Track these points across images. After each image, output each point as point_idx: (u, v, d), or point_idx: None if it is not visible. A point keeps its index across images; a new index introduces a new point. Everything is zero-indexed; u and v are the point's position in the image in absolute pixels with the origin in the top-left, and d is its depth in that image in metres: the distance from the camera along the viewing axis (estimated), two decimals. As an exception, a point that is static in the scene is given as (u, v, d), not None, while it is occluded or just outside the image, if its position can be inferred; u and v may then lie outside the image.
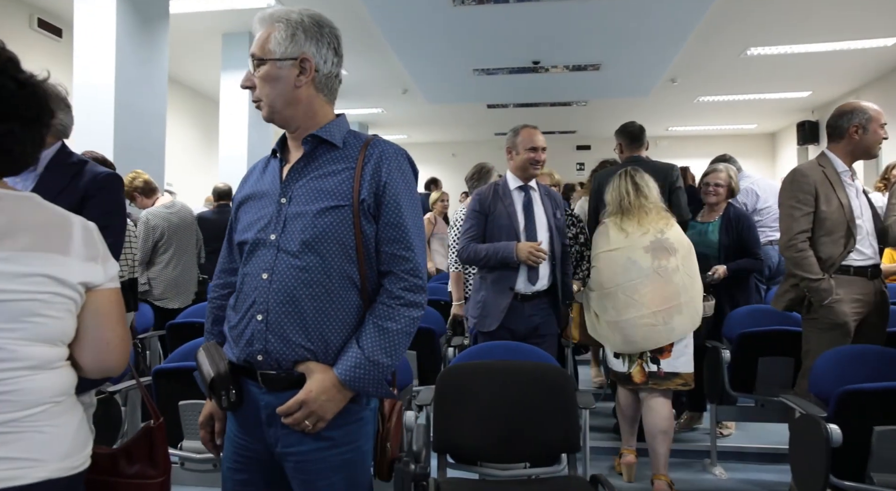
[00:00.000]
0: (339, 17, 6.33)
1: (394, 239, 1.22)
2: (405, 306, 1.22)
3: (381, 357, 1.18)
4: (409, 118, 10.43)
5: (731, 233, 3.30)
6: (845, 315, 2.41)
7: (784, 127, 11.07)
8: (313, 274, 1.18)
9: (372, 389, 1.18)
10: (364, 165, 1.23)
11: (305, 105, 1.26)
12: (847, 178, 2.53)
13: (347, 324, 1.21)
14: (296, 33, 1.22)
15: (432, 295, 4.10)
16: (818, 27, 6.07)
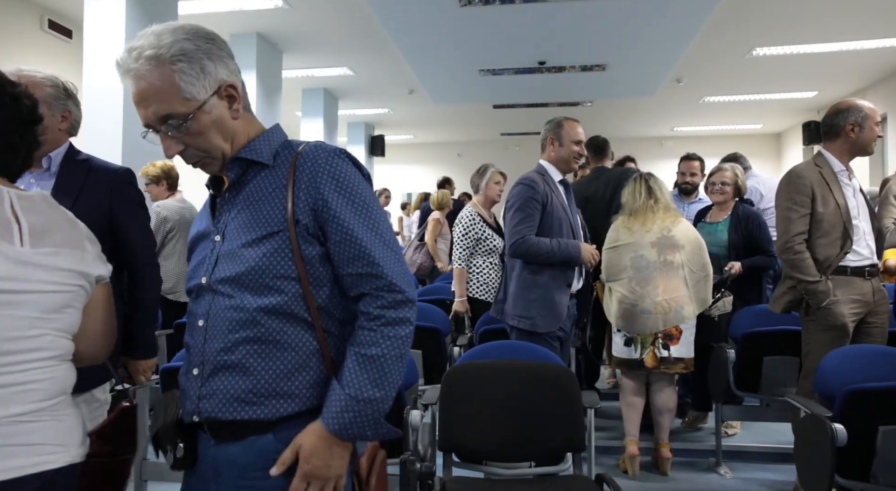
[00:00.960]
0: (346, 18, 6.37)
1: (350, 258, 1.03)
2: (388, 326, 1.02)
3: (370, 391, 0.99)
4: (415, 118, 10.45)
5: (741, 231, 3.31)
6: (843, 316, 2.41)
7: (790, 127, 11.03)
8: (250, 314, 1.01)
9: (370, 431, 1.01)
10: (296, 182, 1.04)
11: (242, 132, 1.09)
12: (844, 177, 2.52)
13: (301, 368, 1.03)
14: (203, 64, 1.02)
15: (437, 294, 4.13)
16: (824, 27, 6.05)
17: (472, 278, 3.49)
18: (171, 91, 1.00)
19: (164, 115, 1.00)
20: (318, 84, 8.11)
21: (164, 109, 1.00)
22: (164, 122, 1.01)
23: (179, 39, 1.01)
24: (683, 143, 11.36)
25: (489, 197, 3.64)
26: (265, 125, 1.14)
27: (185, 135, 1.03)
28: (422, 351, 3.07)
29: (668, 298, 2.77)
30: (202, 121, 1.02)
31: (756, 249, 3.29)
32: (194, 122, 1.02)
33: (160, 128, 1.02)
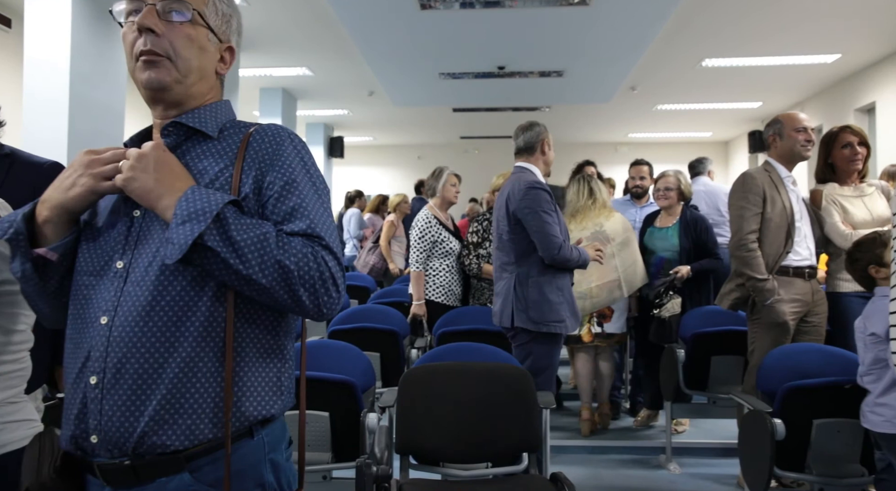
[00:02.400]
0: (306, 18, 6.30)
1: (290, 215, 0.92)
2: (314, 250, 0.89)
3: (237, 228, 0.85)
4: (375, 120, 10.41)
5: (690, 235, 3.45)
6: (785, 314, 2.53)
7: (737, 136, 11.46)
8: (171, 313, 0.87)
9: (195, 217, 0.83)
10: (245, 156, 0.96)
11: (208, 92, 1.03)
12: (789, 183, 2.67)
13: (218, 381, 0.89)
14: (231, 19, 1.04)
15: (394, 297, 4.12)
16: (767, 42, 6.32)
17: (429, 281, 3.50)
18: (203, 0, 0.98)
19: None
20: (276, 84, 7.98)
21: None
22: (164, 1, 0.94)
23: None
24: (637, 148, 11.68)
25: (446, 199, 3.66)
26: None
27: (173, 27, 0.94)
28: (379, 354, 3.07)
29: (600, 284, 3.23)
30: (199, 35, 0.97)
31: (704, 252, 3.42)
32: (193, 28, 0.96)
33: (156, 4, 0.93)
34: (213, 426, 0.88)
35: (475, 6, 5.14)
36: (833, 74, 7.59)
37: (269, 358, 0.96)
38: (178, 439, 0.86)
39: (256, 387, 0.93)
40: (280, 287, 0.86)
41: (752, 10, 5.44)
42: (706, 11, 5.50)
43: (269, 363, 0.95)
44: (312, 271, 0.87)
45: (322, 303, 0.88)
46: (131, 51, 0.95)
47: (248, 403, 0.92)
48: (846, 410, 1.95)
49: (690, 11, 5.45)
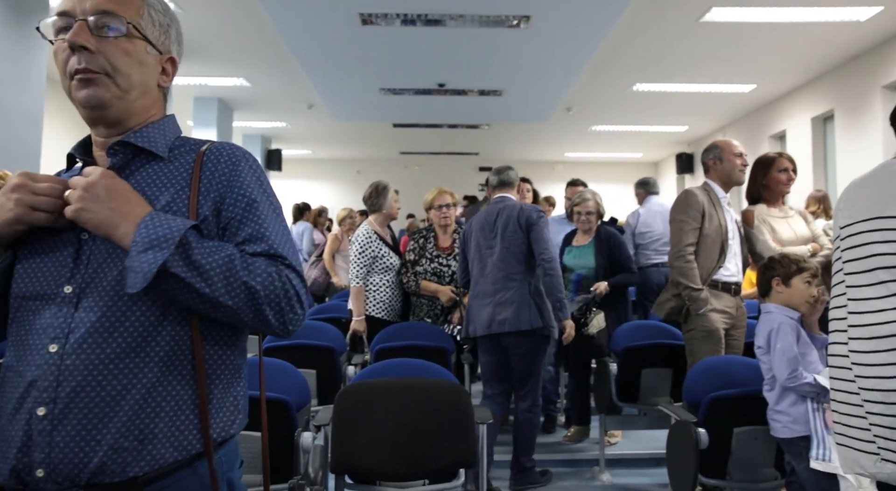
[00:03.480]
0: (243, 28, 6.16)
1: (251, 237, 0.92)
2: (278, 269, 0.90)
3: (201, 252, 0.84)
4: (314, 134, 10.29)
5: (605, 252, 3.58)
6: (715, 323, 2.66)
7: (665, 157, 12.04)
8: (132, 339, 0.85)
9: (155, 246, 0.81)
10: (201, 177, 0.94)
11: (155, 109, 1.00)
12: (725, 204, 2.83)
13: (184, 403, 0.88)
14: (170, 28, 1.00)
15: (332, 312, 4.06)
16: (692, 70, 6.71)
17: (369, 296, 3.47)
18: (130, 4, 0.93)
19: (104, 9, 0.90)
20: (211, 93, 7.77)
21: (111, 6, 0.90)
22: (96, 15, 0.89)
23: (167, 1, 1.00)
24: (573, 168, 12.04)
25: (391, 215, 3.65)
26: None
27: (108, 42, 0.90)
28: (316, 371, 3.00)
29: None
30: (136, 49, 0.93)
31: (619, 267, 3.57)
32: (130, 41, 0.92)
33: (87, 19, 0.89)
34: (175, 450, 0.87)
35: (416, 23, 5.21)
36: (750, 103, 8.14)
37: (231, 377, 0.96)
38: (139, 466, 0.84)
39: (221, 407, 0.93)
40: (247, 308, 0.86)
41: (679, 39, 5.78)
42: (637, 39, 5.79)
43: (230, 383, 0.96)
44: (278, 290, 0.88)
45: (288, 320, 0.89)
46: (65, 69, 0.91)
47: (215, 424, 0.91)
48: (763, 418, 2.07)
49: (623, 38, 5.73)
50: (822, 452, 1.86)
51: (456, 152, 11.81)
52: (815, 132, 7.32)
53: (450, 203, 3.47)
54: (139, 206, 0.87)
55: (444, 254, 3.46)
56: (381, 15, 5.05)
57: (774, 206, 2.98)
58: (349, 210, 5.89)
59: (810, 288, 2.12)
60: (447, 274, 3.43)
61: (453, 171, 12.16)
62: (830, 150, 7.10)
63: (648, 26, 5.49)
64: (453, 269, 3.42)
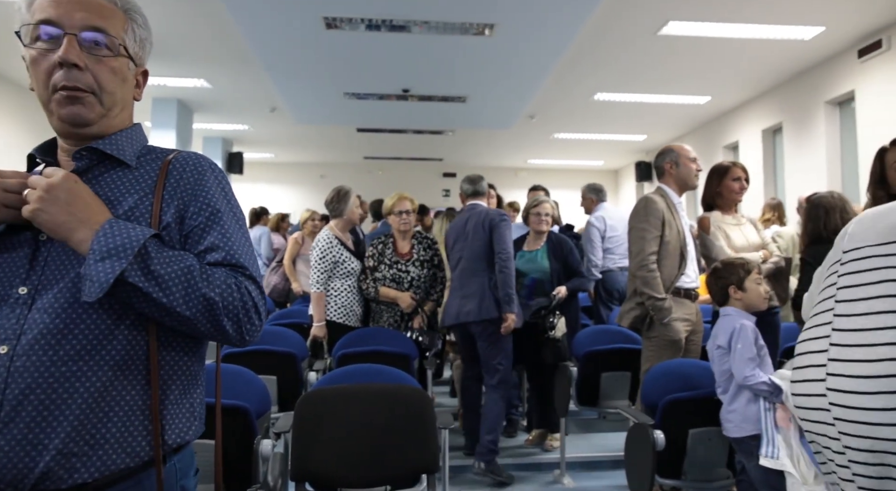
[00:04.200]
0: (205, 28, 6.04)
1: (213, 247, 0.92)
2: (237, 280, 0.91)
3: (160, 262, 0.84)
4: (277, 137, 10.15)
5: (558, 257, 3.63)
6: (679, 332, 2.68)
7: (625, 165, 12.32)
8: (86, 342, 0.84)
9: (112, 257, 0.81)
10: (166, 185, 0.94)
11: (125, 118, 1.00)
12: (681, 209, 2.85)
13: (136, 409, 0.87)
14: (146, 42, 1.01)
15: (293, 318, 4.01)
16: (650, 81, 6.90)
17: (330, 302, 3.44)
18: (117, 19, 0.94)
19: (95, 25, 0.90)
20: (170, 94, 7.59)
21: (101, 22, 0.91)
22: (87, 31, 0.90)
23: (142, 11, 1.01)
24: (536, 174, 12.21)
25: (352, 220, 3.62)
26: None
27: (96, 60, 0.91)
28: (276, 377, 2.95)
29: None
30: (121, 66, 0.94)
31: (570, 271, 3.63)
32: (116, 59, 0.93)
33: (77, 35, 0.89)
34: (127, 456, 0.86)
35: (381, 29, 5.21)
36: (705, 114, 8.41)
37: (188, 384, 0.95)
38: (88, 472, 0.82)
39: (176, 413, 0.93)
40: (205, 319, 0.86)
41: (638, 51, 5.93)
42: (598, 50, 5.92)
43: (187, 389, 0.95)
44: (236, 301, 0.88)
45: (245, 331, 0.90)
46: (47, 81, 0.90)
47: (169, 430, 0.91)
48: (717, 419, 2.13)
49: (584, 49, 5.85)
50: (770, 450, 1.93)
51: (420, 158, 11.83)
52: (765, 143, 7.61)
53: (409, 209, 3.47)
54: (99, 212, 0.86)
55: (402, 260, 3.46)
56: (346, 19, 5.04)
57: (728, 213, 3.08)
58: (311, 212, 5.82)
59: (762, 285, 2.21)
60: (406, 280, 3.42)
61: (417, 176, 12.17)
62: (779, 160, 7.39)
63: (609, 38, 5.62)
64: (412, 275, 3.42)
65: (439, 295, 3.53)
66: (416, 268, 3.45)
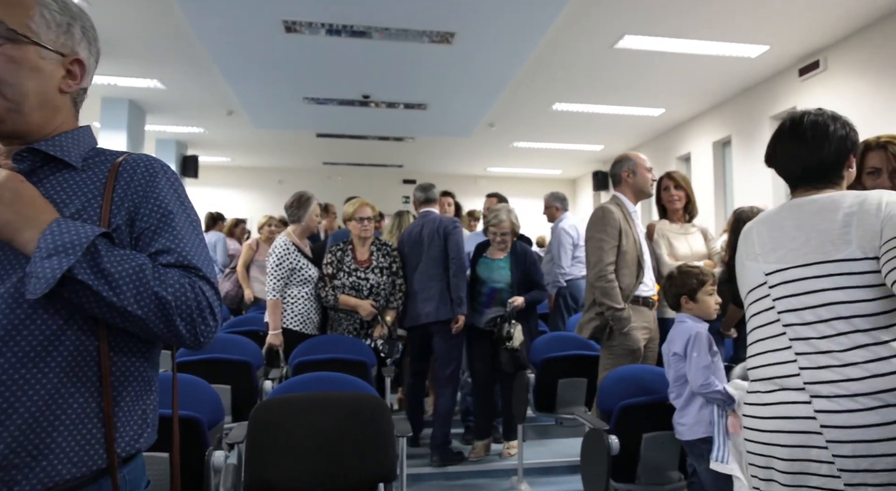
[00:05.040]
0: (158, 28, 5.88)
1: (165, 249, 0.91)
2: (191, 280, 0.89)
3: (111, 261, 0.81)
4: (234, 141, 9.94)
5: (521, 268, 3.59)
6: (639, 341, 2.71)
7: (583, 174, 12.56)
8: (31, 347, 0.80)
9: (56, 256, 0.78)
10: (115, 187, 0.91)
11: (62, 117, 0.95)
12: (636, 217, 2.88)
13: (86, 416, 0.84)
14: (72, 27, 0.93)
15: (249, 325, 3.92)
16: (607, 92, 7.07)
17: (286, 309, 3.38)
18: (15, 5, 0.87)
19: None
20: (121, 94, 7.34)
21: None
22: None
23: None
24: (496, 182, 12.32)
25: (310, 227, 3.58)
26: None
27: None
28: (230, 386, 2.88)
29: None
30: (28, 55, 0.87)
31: (531, 283, 3.59)
32: (17, 48, 0.86)
33: None
34: (73, 466, 0.82)
35: (342, 34, 5.18)
36: (659, 126, 8.67)
37: (140, 390, 0.93)
38: (30, 484, 0.79)
39: (127, 421, 0.90)
40: (157, 318, 0.84)
41: (595, 63, 6.08)
42: (557, 61, 6.04)
43: (139, 395, 0.93)
44: (190, 301, 0.86)
45: (199, 332, 0.88)
46: None
47: (120, 439, 0.88)
48: (670, 423, 2.18)
49: (544, 59, 5.95)
50: (721, 455, 1.99)
51: (380, 164, 11.78)
52: (715, 155, 7.90)
53: (370, 216, 3.46)
54: (46, 212, 0.83)
55: (361, 267, 3.43)
56: (306, 24, 4.99)
57: (675, 221, 3.18)
58: (269, 217, 5.71)
59: (714, 296, 2.27)
60: (366, 287, 3.39)
61: (377, 182, 12.11)
62: (729, 172, 7.67)
63: (567, 50, 5.74)
64: (371, 282, 3.40)
65: (399, 302, 3.51)
66: (375, 275, 3.42)
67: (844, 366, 1.18)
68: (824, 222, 1.27)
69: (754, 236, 1.42)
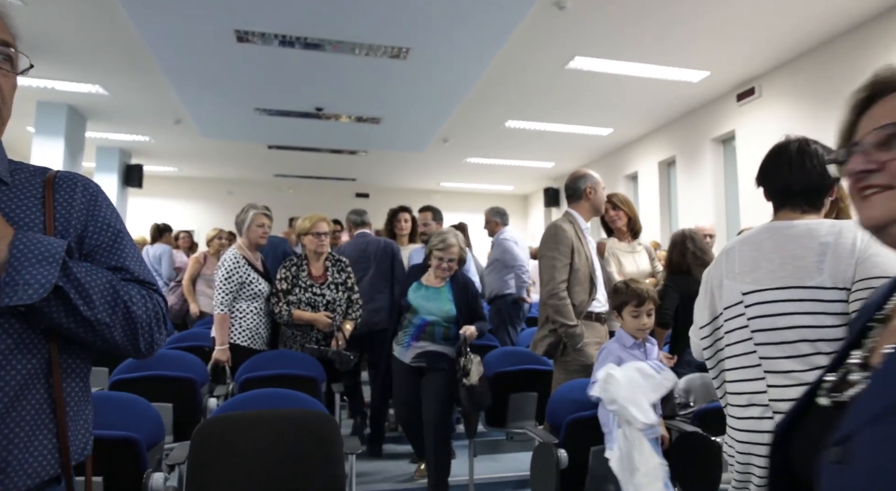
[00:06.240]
0: (102, 32, 5.67)
1: (120, 266, 0.96)
2: (148, 292, 0.96)
3: (81, 272, 0.84)
4: (182, 150, 9.66)
5: (463, 300, 3.15)
6: (592, 357, 2.68)
7: (534, 191, 12.80)
8: None
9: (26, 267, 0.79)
10: (55, 204, 0.92)
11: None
12: (588, 234, 2.90)
13: (38, 430, 0.86)
14: (14, 28, 0.94)
15: (194, 341, 3.79)
16: (557, 111, 7.26)
17: (234, 324, 3.28)
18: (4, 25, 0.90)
19: (4, 40, 0.89)
20: (60, 98, 7.03)
21: (5, 35, 0.89)
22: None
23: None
24: (449, 197, 12.41)
25: (251, 240, 3.44)
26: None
27: (5, 74, 0.89)
28: (172, 404, 2.77)
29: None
30: (13, 77, 0.92)
31: (474, 315, 3.16)
32: (13, 70, 0.91)
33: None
34: (28, 477, 0.85)
35: (295, 45, 5.13)
36: (608, 145, 8.94)
37: (83, 401, 0.96)
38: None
39: (77, 431, 0.93)
40: (123, 329, 0.89)
41: (547, 82, 6.23)
42: (510, 79, 6.16)
43: (82, 406, 0.95)
44: (150, 312, 0.93)
45: (154, 342, 0.95)
46: None
47: (73, 447, 0.92)
48: (616, 436, 2.22)
49: (497, 77, 6.06)
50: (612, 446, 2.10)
51: (333, 177, 11.68)
52: (661, 175, 8.19)
53: (327, 231, 3.42)
54: (3, 225, 0.84)
55: (317, 283, 3.38)
56: (259, 34, 4.93)
57: (622, 240, 3.28)
58: (218, 230, 5.56)
59: (639, 319, 2.31)
60: (321, 303, 3.34)
61: (329, 196, 12.00)
62: (674, 191, 7.97)
63: (520, 68, 5.86)
64: (328, 298, 3.35)
65: (358, 314, 3.49)
66: (331, 291, 3.38)
67: (805, 385, 1.24)
68: (799, 249, 1.34)
69: (736, 255, 1.46)
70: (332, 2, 4.36)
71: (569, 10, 4.60)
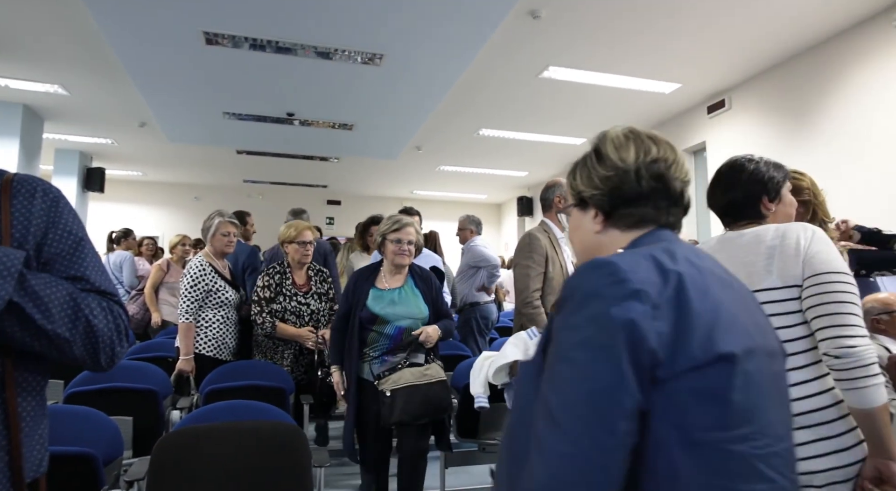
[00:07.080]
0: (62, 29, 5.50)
1: (81, 275, 0.94)
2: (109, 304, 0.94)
3: (39, 285, 0.83)
4: (146, 154, 9.41)
5: (428, 291, 2.89)
6: None
7: (507, 200, 12.85)
8: None
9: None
10: (12, 210, 0.90)
11: None
12: (563, 243, 2.90)
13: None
14: None
15: (156, 351, 3.67)
16: (530, 120, 7.30)
17: (200, 333, 3.18)
18: None
19: None
20: (14, 97, 6.75)
21: None
22: None
23: None
24: (422, 205, 12.31)
25: (216, 248, 3.34)
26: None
27: None
28: (132, 417, 2.65)
29: None
30: None
31: (440, 313, 2.89)
32: None
33: None
34: None
35: (266, 49, 5.04)
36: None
37: (39, 422, 0.94)
38: None
39: (31, 447, 0.91)
40: (83, 343, 0.87)
41: (521, 91, 6.26)
42: (484, 87, 6.18)
43: (37, 423, 0.93)
44: (110, 324, 0.91)
45: (115, 355, 0.93)
46: None
47: (27, 465, 0.90)
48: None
49: (471, 85, 6.07)
50: None
51: (304, 184, 11.53)
52: (631, 185, 8.30)
53: (312, 240, 3.39)
54: None
55: (300, 292, 3.33)
56: (228, 37, 4.82)
57: None
58: (182, 237, 5.41)
59: None
60: (306, 313, 3.28)
61: (300, 202, 11.71)
62: (643, 201, 8.08)
63: (494, 77, 5.88)
64: (312, 307, 3.30)
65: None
66: (315, 301, 3.34)
67: None
68: (750, 255, 1.43)
69: None
70: (305, 5, 4.30)
71: (543, 20, 4.64)
